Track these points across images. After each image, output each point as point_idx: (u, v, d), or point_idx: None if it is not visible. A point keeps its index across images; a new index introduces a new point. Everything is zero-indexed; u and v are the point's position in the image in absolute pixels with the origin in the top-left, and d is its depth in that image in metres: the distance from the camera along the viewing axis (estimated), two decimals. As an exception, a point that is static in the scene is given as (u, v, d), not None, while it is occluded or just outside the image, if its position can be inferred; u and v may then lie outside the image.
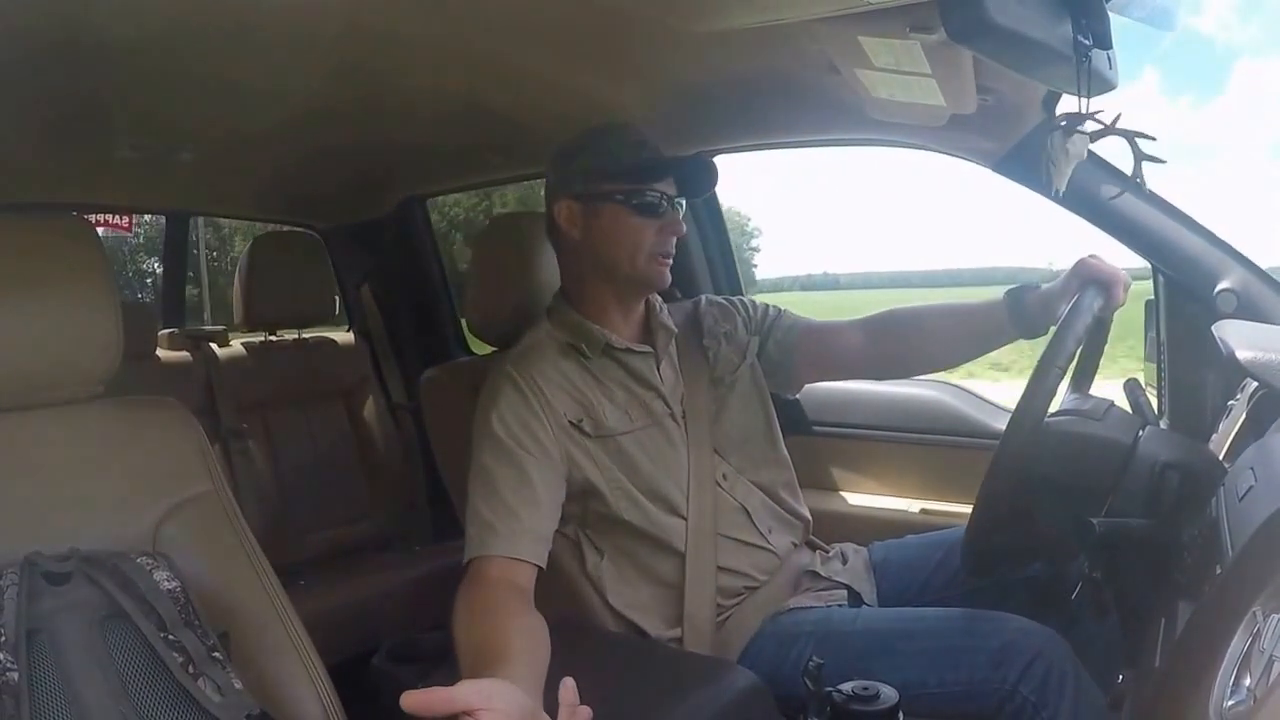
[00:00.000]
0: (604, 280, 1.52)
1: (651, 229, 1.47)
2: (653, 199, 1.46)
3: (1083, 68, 1.01)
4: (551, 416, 1.43)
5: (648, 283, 1.52)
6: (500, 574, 1.27)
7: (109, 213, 3.37)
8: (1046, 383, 1.21)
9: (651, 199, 1.46)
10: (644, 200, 1.46)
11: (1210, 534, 1.00)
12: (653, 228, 1.47)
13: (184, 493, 1.23)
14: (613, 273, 1.50)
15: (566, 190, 1.51)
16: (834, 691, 1.02)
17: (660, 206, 1.47)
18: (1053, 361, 1.22)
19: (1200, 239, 1.57)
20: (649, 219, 1.47)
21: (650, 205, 1.46)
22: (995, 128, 1.59)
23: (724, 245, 2.33)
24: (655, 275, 1.50)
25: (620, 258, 1.48)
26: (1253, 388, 1.33)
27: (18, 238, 1.15)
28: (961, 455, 2.02)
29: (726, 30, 1.33)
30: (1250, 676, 0.70)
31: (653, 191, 1.46)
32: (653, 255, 1.48)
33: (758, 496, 1.57)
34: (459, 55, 1.53)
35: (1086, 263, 1.38)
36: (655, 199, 1.46)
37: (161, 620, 1.04)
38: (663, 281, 1.51)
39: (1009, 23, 0.90)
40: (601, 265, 1.50)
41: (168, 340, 2.68)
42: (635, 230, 1.47)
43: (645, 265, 1.48)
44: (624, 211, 1.46)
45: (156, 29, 1.32)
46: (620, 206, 1.46)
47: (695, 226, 2.25)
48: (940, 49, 1.20)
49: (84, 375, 1.20)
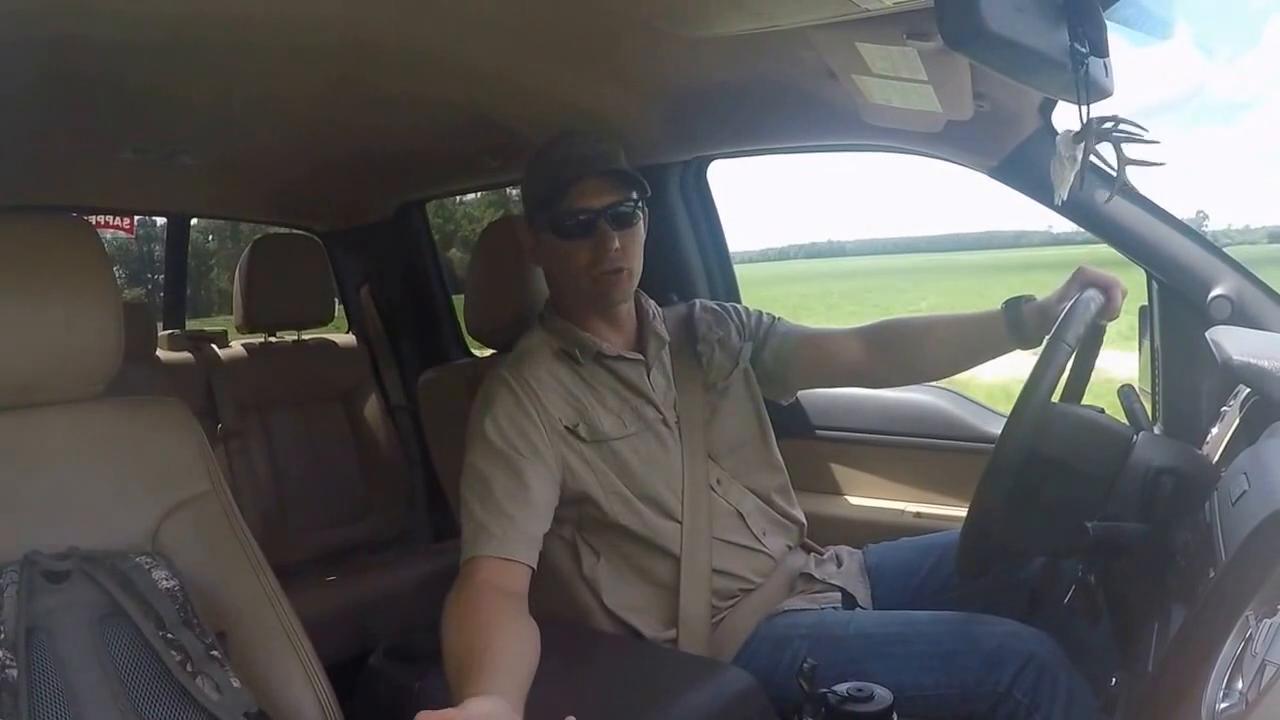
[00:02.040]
0: (573, 299, 1.53)
1: (584, 249, 1.44)
2: (583, 218, 1.43)
3: (1080, 75, 1.01)
4: (546, 421, 1.43)
5: (600, 300, 1.49)
6: (492, 576, 1.26)
7: (110, 214, 3.37)
8: (1056, 358, 1.22)
9: (580, 219, 1.43)
10: (566, 223, 1.44)
11: (1203, 538, 1.01)
12: (585, 248, 1.44)
13: (183, 493, 1.24)
14: (569, 293, 1.52)
15: (523, 216, 1.55)
16: (828, 692, 1.03)
17: (593, 224, 1.43)
18: (1061, 337, 1.23)
19: (1194, 245, 1.57)
20: (579, 240, 1.44)
21: (578, 226, 1.44)
22: (992, 134, 1.59)
23: (721, 249, 2.33)
24: (603, 292, 1.47)
25: (565, 280, 1.50)
26: (1246, 393, 1.34)
27: (19, 238, 1.16)
28: (956, 459, 2.02)
29: (722, 36, 1.33)
30: (1242, 680, 0.70)
31: (575, 211, 1.43)
32: (595, 275, 1.45)
33: (751, 500, 1.57)
34: (456, 62, 1.53)
35: (1085, 270, 1.38)
36: (584, 218, 1.43)
37: (160, 619, 1.05)
38: (616, 295, 1.48)
39: (1005, 30, 0.90)
40: (558, 287, 1.53)
41: (168, 341, 2.69)
42: (568, 254, 1.46)
43: (590, 285, 1.46)
44: (554, 237, 1.46)
45: (158, 34, 1.32)
46: (549, 233, 1.47)
47: (691, 228, 2.25)
48: (937, 55, 1.21)
49: (85, 375, 1.20)
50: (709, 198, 2.29)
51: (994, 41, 0.89)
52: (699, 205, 2.28)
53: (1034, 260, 20.61)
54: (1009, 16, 0.90)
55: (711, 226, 2.31)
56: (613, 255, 1.43)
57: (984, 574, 1.38)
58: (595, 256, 1.44)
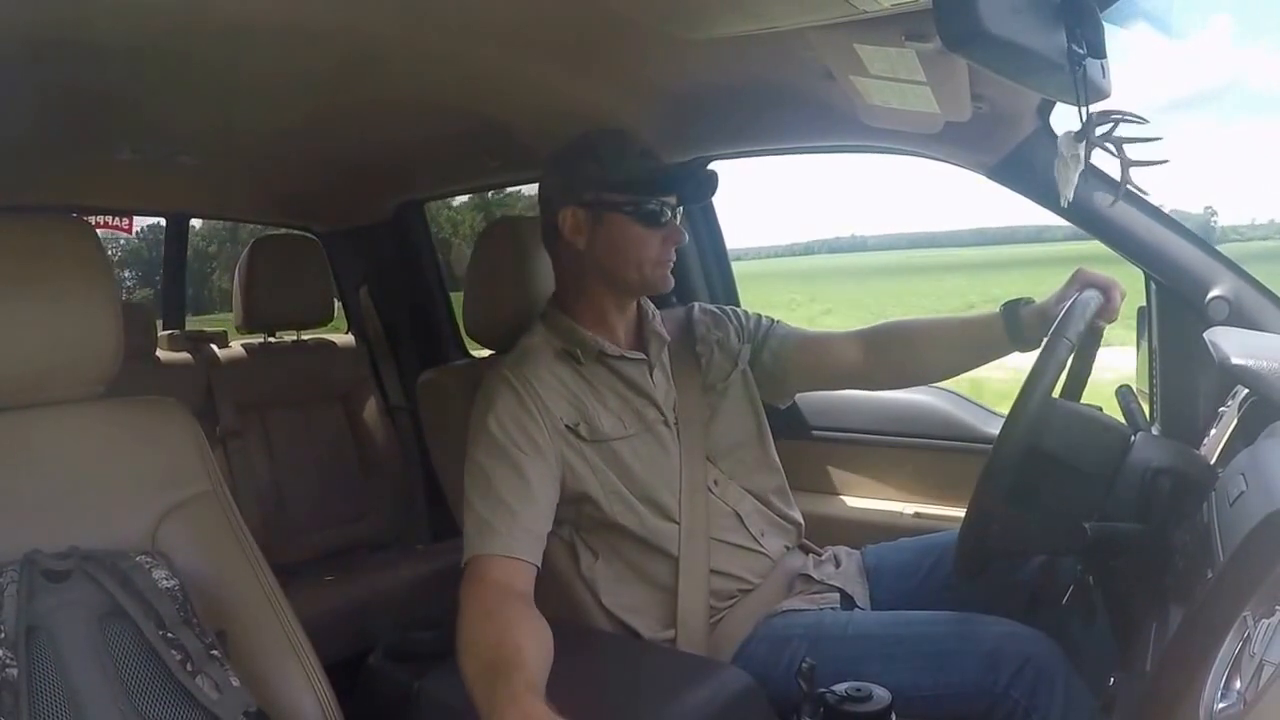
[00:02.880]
0: (605, 286, 1.53)
1: (656, 239, 1.48)
2: (657, 209, 1.48)
3: (1077, 76, 1.02)
4: (548, 419, 1.43)
5: (652, 289, 1.54)
6: (501, 575, 1.27)
7: (109, 214, 3.36)
8: (1056, 354, 1.23)
9: (656, 209, 1.48)
10: (649, 210, 1.47)
11: (1201, 539, 1.01)
12: (657, 237, 1.48)
13: (183, 492, 1.24)
14: (616, 280, 1.51)
15: (572, 198, 1.50)
16: (827, 692, 1.03)
17: (664, 216, 1.48)
18: (1062, 334, 1.24)
19: (1193, 247, 1.57)
20: (653, 229, 1.48)
21: (655, 215, 1.48)
22: (990, 135, 1.60)
23: (720, 252, 2.34)
24: (659, 281, 1.52)
25: (626, 266, 1.49)
26: (1244, 394, 1.34)
27: (19, 239, 1.16)
28: (954, 460, 2.02)
29: (721, 37, 1.34)
30: (1240, 680, 0.70)
31: (658, 202, 1.48)
32: (657, 263, 1.50)
33: (749, 502, 1.58)
34: (456, 64, 1.54)
35: (1083, 271, 1.39)
36: (659, 209, 1.48)
37: (160, 618, 1.05)
38: (666, 286, 1.53)
39: (1003, 32, 0.90)
40: (605, 273, 1.51)
41: (168, 341, 2.69)
42: (640, 240, 1.48)
43: (650, 273, 1.50)
44: (630, 222, 1.47)
45: (157, 33, 1.32)
46: (626, 217, 1.47)
47: (690, 231, 2.25)
48: (935, 57, 1.21)
49: (85, 375, 1.20)
50: (709, 201, 2.29)
51: (992, 43, 0.90)
52: (698, 208, 2.28)
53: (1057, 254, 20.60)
54: (1007, 18, 0.90)
55: (710, 229, 2.31)
56: (673, 249, 1.51)
57: (982, 574, 1.38)
58: (664, 248, 1.50)
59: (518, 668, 1.04)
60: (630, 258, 1.49)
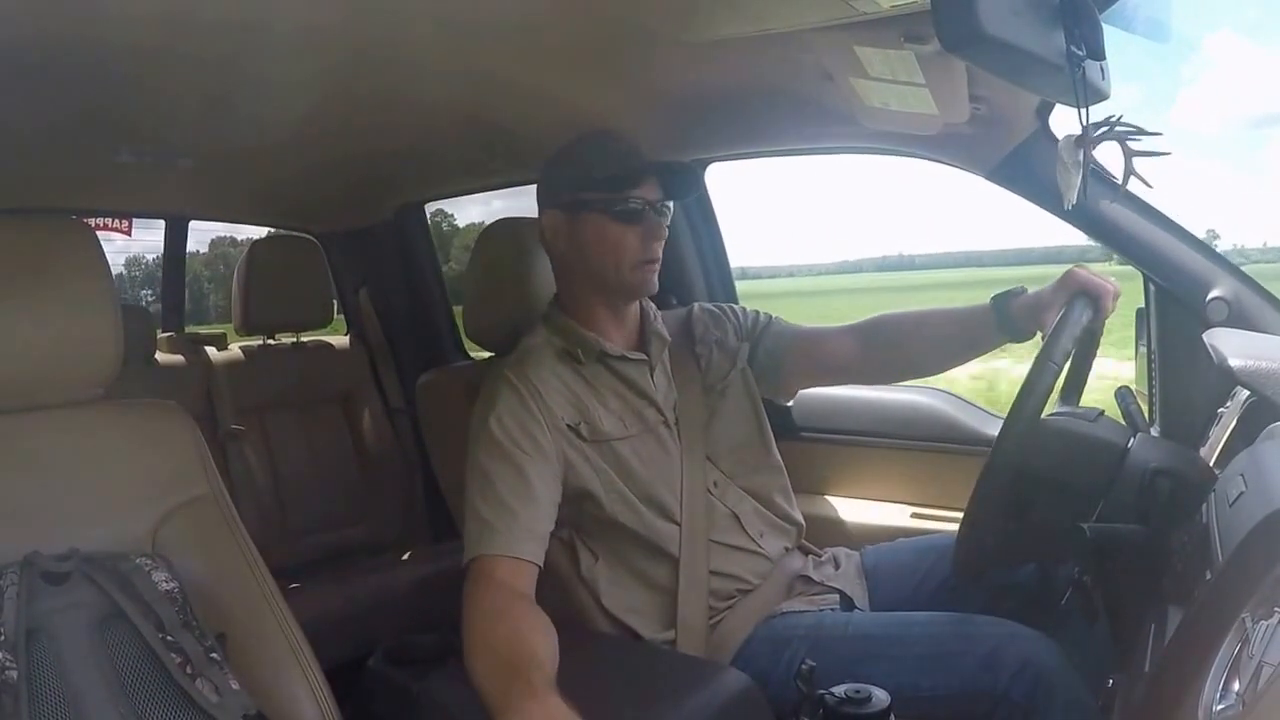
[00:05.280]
0: (593, 289, 1.52)
1: (634, 236, 1.47)
2: (635, 206, 1.46)
3: (1077, 78, 1.02)
4: (549, 419, 1.43)
5: (634, 290, 1.52)
6: (505, 575, 1.27)
7: (108, 217, 3.37)
8: (1043, 378, 1.22)
9: (633, 206, 1.46)
10: (625, 208, 1.46)
11: (1200, 540, 1.01)
12: (635, 234, 1.47)
13: (182, 495, 1.24)
14: (599, 282, 1.51)
15: (552, 202, 1.52)
16: (826, 694, 1.03)
17: (642, 213, 1.47)
18: (1049, 357, 1.24)
19: (1191, 248, 1.57)
20: (631, 226, 1.46)
21: (632, 212, 1.46)
22: (988, 137, 1.60)
23: (718, 249, 2.33)
24: (640, 282, 1.50)
25: (605, 266, 1.49)
26: (1243, 395, 1.34)
27: (19, 241, 1.16)
28: (953, 461, 2.02)
29: (720, 39, 1.34)
30: (1239, 681, 0.70)
31: (634, 198, 1.46)
32: (637, 263, 1.48)
33: (749, 503, 1.58)
34: (456, 65, 1.53)
35: (1075, 274, 1.38)
36: (637, 206, 1.46)
37: (160, 621, 1.05)
38: (649, 288, 1.51)
39: (1002, 33, 0.90)
40: (588, 275, 1.51)
41: (167, 344, 2.69)
42: (618, 238, 1.47)
43: (630, 273, 1.48)
44: (605, 220, 1.47)
45: (157, 36, 1.32)
46: (602, 215, 1.47)
47: (690, 231, 2.25)
48: (933, 58, 1.22)
49: (84, 378, 1.20)
50: (707, 201, 2.29)
51: (991, 44, 0.90)
52: (697, 208, 2.28)
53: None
54: (1006, 19, 0.90)
55: (710, 230, 2.31)
56: (655, 246, 1.48)
57: (981, 576, 1.38)
58: (644, 245, 1.47)
59: (536, 666, 1.05)
60: (609, 255, 1.48)
